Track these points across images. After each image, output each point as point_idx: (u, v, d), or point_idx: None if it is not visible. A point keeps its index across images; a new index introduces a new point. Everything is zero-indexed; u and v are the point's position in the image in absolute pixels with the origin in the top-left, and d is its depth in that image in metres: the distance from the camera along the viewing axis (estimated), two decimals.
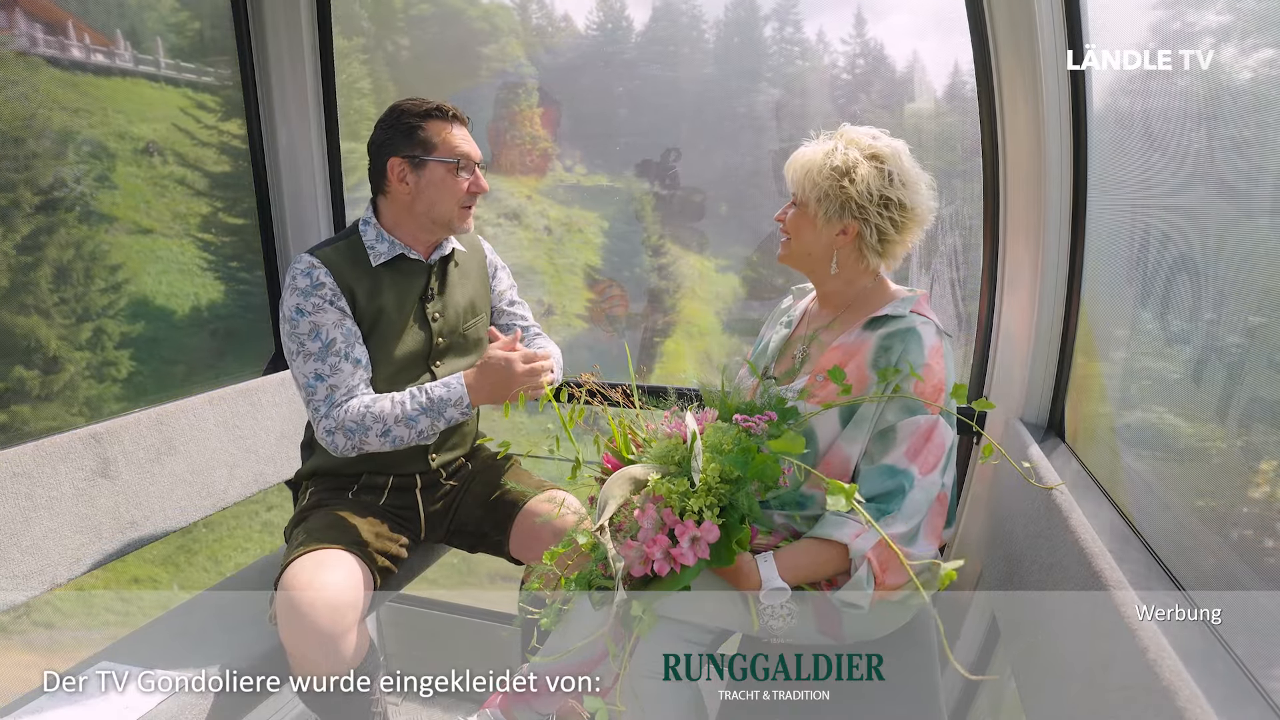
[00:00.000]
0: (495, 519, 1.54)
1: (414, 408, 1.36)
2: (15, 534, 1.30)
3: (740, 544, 1.02)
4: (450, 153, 1.40)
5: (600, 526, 0.99)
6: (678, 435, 1.08)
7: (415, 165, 1.40)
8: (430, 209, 1.42)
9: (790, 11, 11.17)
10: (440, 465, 1.56)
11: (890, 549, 1.09)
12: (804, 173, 1.20)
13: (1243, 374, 0.93)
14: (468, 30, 11.28)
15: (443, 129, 1.40)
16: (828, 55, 11.00)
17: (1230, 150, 1.05)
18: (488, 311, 1.63)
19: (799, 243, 1.24)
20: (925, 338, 1.14)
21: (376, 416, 1.34)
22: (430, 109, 1.40)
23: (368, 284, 1.42)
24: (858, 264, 1.23)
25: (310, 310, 1.37)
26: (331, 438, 1.36)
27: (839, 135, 1.21)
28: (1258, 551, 0.88)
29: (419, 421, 1.36)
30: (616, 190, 11.00)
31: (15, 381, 6.27)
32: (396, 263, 1.46)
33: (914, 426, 1.12)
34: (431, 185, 1.40)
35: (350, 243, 1.45)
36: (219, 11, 1.95)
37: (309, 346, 1.37)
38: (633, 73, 11.84)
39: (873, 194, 1.15)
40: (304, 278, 1.38)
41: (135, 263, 7.23)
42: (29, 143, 6.36)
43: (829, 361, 1.21)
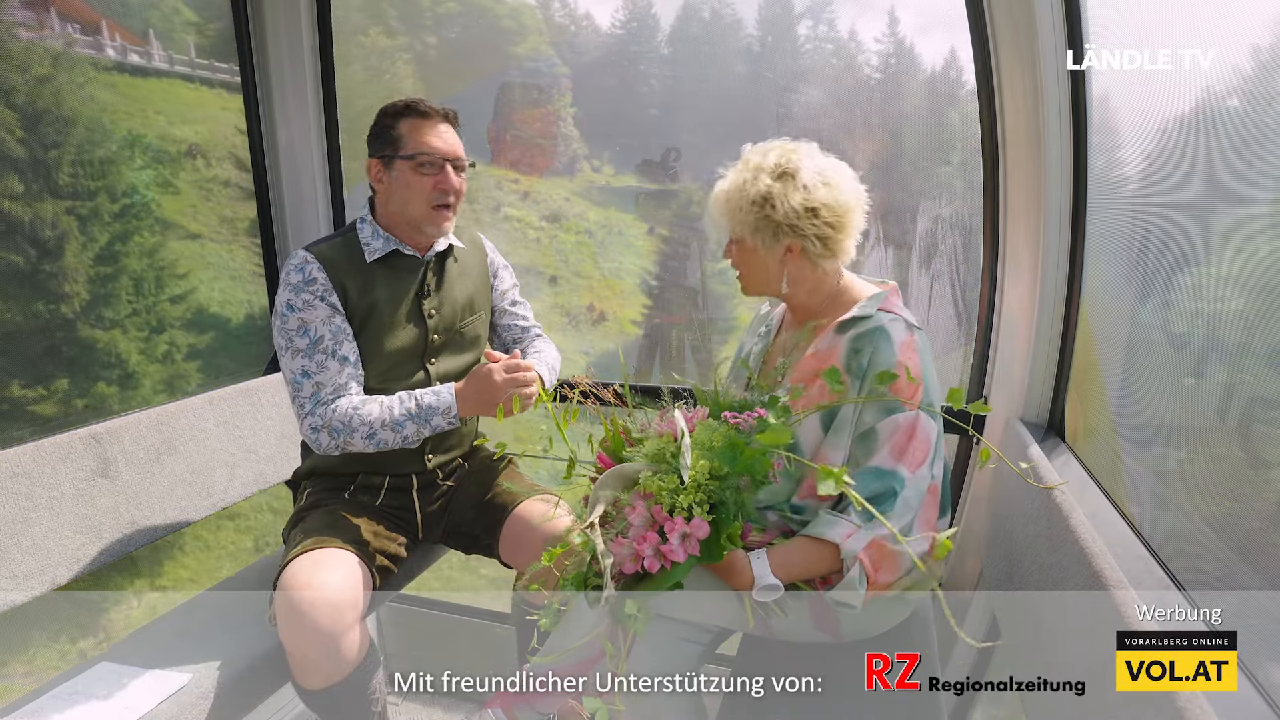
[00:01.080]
0: (486, 522, 1.54)
1: (401, 413, 1.36)
2: (15, 534, 1.30)
3: (731, 540, 1.02)
4: (415, 149, 1.38)
5: (590, 524, 0.99)
6: (669, 433, 1.08)
7: (386, 164, 1.40)
8: (403, 209, 1.42)
9: (824, 10, 11.06)
10: (437, 466, 1.56)
11: (882, 548, 1.10)
12: (729, 212, 1.21)
13: (1243, 372, 0.93)
14: (495, 28, 11.20)
15: (415, 126, 1.38)
16: (860, 54, 10.88)
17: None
18: (488, 310, 1.62)
19: (751, 275, 1.25)
20: (894, 335, 1.14)
21: (363, 419, 1.34)
22: (403, 106, 1.39)
23: (360, 279, 1.42)
24: (813, 273, 1.23)
25: (300, 306, 1.37)
26: (316, 436, 1.35)
27: (744, 164, 1.21)
28: (1258, 551, 0.88)
29: (405, 427, 1.35)
30: (646, 191, 10.88)
31: (96, 399, 6.19)
32: (391, 259, 1.46)
33: (894, 426, 1.12)
34: (400, 184, 1.40)
35: (346, 239, 1.45)
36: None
37: (297, 343, 1.37)
38: (660, 71, 11.74)
39: (797, 210, 1.16)
40: (296, 273, 1.39)
41: (192, 270, 7.19)
42: (104, 146, 6.34)
43: (806, 368, 1.21)
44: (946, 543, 0.94)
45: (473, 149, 1.64)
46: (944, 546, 0.95)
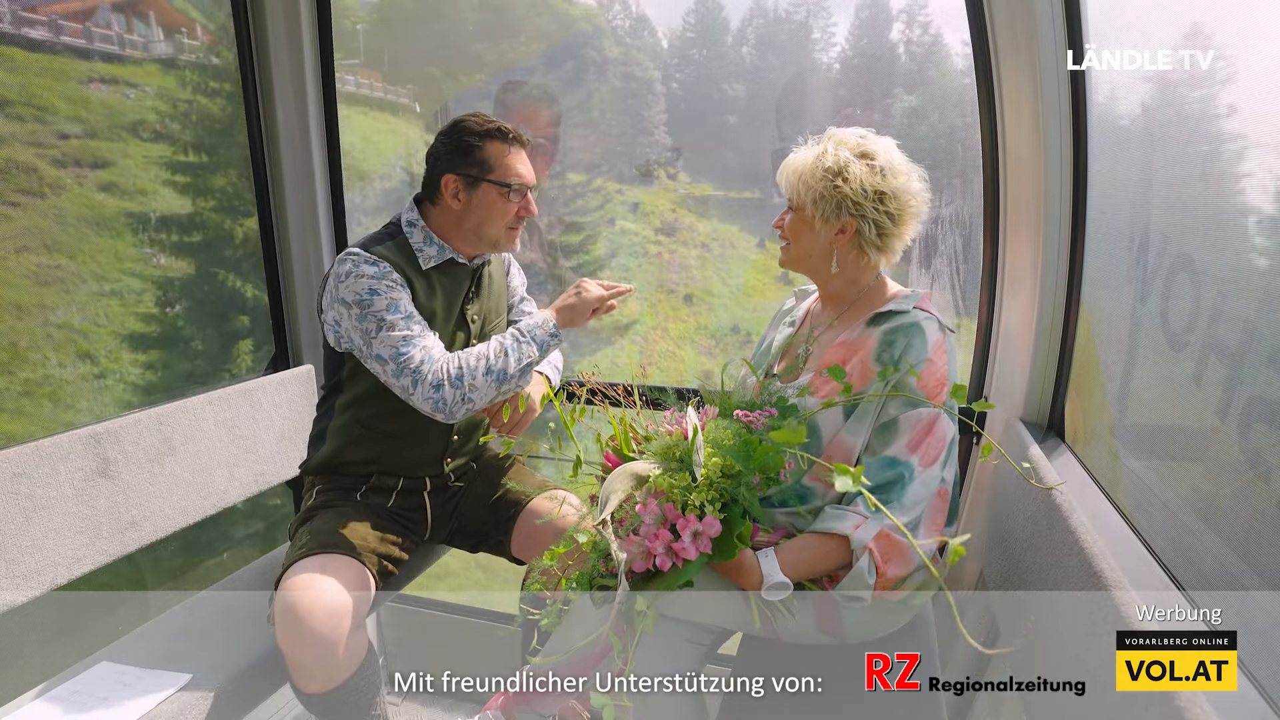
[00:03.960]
0: (498, 519, 1.55)
1: (508, 339, 1.37)
2: (15, 534, 1.30)
3: (741, 539, 1.02)
4: (505, 176, 1.40)
5: (602, 521, 0.99)
6: (679, 432, 1.08)
7: (469, 184, 1.40)
8: (478, 227, 1.43)
9: (918, 14, 10.83)
10: (452, 469, 1.57)
11: (891, 540, 1.10)
12: (797, 177, 1.21)
13: (1243, 373, 0.93)
14: (576, 32, 11.08)
15: (501, 151, 1.40)
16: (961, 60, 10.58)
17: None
18: (506, 310, 1.64)
19: (798, 246, 1.25)
20: (928, 333, 1.15)
21: (477, 356, 1.34)
22: (491, 129, 1.40)
23: (423, 284, 1.43)
24: (859, 261, 1.24)
25: (384, 290, 1.35)
26: (439, 393, 1.32)
27: (827, 138, 1.22)
28: (1258, 551, 0.88)
29: (513, 352, 1.35)
30: (734, 200, 10.70)
31: None
32: (444, 266, 1.46)
33: (916, 418, 1.13)
34: (483, 205, 1.41)
35: (397, 243, 1.44)
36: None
37: (390, 318, 1.34)
38: (738, 75, 11.59)
39: (867, 190, 1.17)
40: (369, 265, 1.36)
41: None
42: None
43: (831, 358, 1.22)
44: (959, 548, 0.93)
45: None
46: (956, 552, 0.93)
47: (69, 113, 7.19)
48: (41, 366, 6.53)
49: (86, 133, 7.31)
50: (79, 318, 7.01)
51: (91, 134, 7.35)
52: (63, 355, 6.69)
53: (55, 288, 6.84)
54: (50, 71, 7.09)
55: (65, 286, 6.90)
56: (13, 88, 6.89)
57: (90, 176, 7.30)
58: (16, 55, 6.96)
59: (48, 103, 7.11)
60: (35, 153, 7.10)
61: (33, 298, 6.70)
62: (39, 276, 6.75)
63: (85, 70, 7.23)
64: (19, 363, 6.42)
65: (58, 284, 6.86)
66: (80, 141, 7.29)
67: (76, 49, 7.22)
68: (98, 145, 7.38)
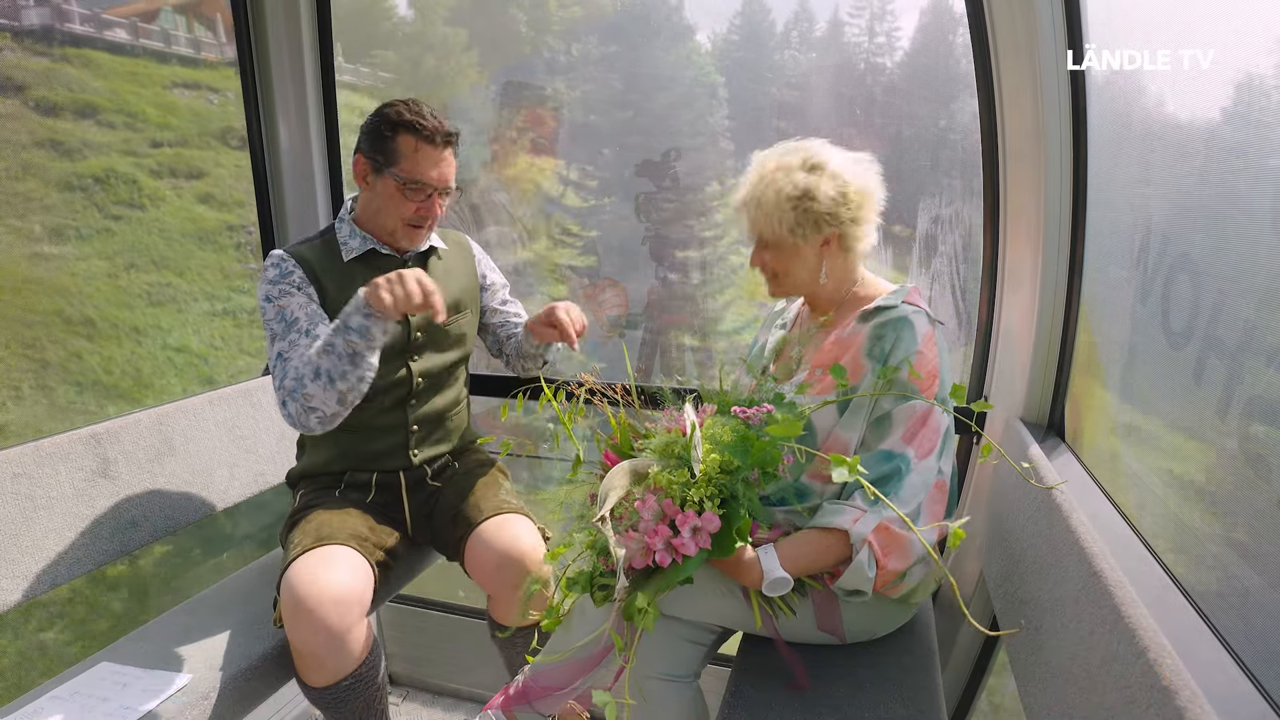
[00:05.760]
0: (456, 533, 1.51)
1: (325, 333, 1.30)
2: (15, 534, 1.30)
3: (740, 534, 1.02)
4: (408, 172, 1.36)
5: (601, 517, 0.99)
6: (678, 429, 1.08)
7: (374, 169, 1.39)
8: (376, 216, 1.43)
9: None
10: (424, 462, 1.56)
11: (890, 533, 1.10)
12: (763, 216, 1.22)
13: (1242, 373, 0.93)
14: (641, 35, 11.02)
15: (411, 146, 1.36)
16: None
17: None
18: (476, 310, 1.63)
19: (791, 276, 1.27)
20: (918, 326, 1.17)
21: (303, 361, 1.28)
22: (407, 121, 1.35)
23: (339, 278, 1.42)
24: (844, 261, 1.26)
25: (276, 296, 1.37)
26: (286, 410, 1.29)
27: (762, 167, 1.24)
28: (1258, 551, 0.88)
29: (334, 343, 1.25)
30: None
31: None
32: (369, 257, 1.46)
33: (910, 411, 1.14)
34: (382, 195, 1.40)
35: (324, 240, 1.46)
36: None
37: (274, 329, 1.35)
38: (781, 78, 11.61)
39: (834, 198, 1.19)
40: (273, 269, 1.39)
41: None
42: None
43: (825, 356, 1.23)
44: (959, 531, 0.95)
45: None
46: (957, 535, 0.95)
47: (158, 120, 6.95)
48: (167, 394, 6.12)
49: (178, 140, 7.04)
50: (195, 340, 6.56)
51: (183, 142, 7.08)
52: (186, 380, 6.33)
53: (168, 307, 6.51)
54: (137, 77, 6.89)
55: (178, 306, 6.56)
56: (102, 93, 6.68)
57: (187, 187, 6.99)
58: (102, 60, 6.74)
59: (137, 109, 6.90)
60: (132, 162, 6.82)
61: (148, 319, 6.39)
62: (151, 296, 6.46)
63: (168, 75, 7.03)
64: (143, 390, 6.07)
65: (170, 303, 6.50)
66: (174, 150, 7.01)
67: (156, 53, 7.00)
68: (190, 154, 7.11)
